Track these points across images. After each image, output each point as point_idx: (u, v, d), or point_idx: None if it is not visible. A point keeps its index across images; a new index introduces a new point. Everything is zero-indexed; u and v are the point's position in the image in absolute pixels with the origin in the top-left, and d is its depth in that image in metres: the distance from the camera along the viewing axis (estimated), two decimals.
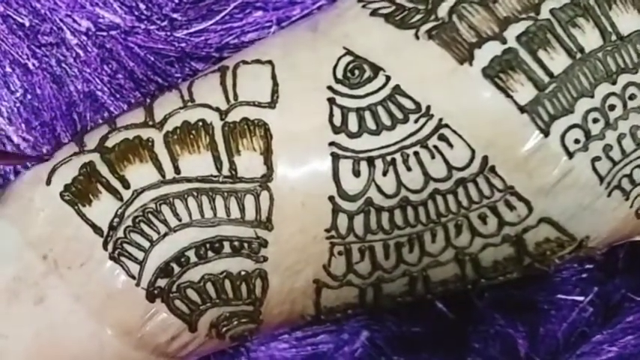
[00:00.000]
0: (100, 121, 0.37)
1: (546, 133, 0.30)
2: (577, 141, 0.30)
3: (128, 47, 0.37)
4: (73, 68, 0.37)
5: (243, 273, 0.31)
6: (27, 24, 0.37)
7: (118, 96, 0.37)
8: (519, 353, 0.37)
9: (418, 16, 0.31)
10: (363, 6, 0.32)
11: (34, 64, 0.37)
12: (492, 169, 0.30)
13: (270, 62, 0.32)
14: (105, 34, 0.37)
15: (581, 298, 0.37)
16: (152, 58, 0.37)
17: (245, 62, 0.32)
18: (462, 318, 0.37)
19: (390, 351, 0.37)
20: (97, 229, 0.31)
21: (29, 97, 0.37)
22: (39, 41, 0.37)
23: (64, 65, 0.37)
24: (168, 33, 0.37)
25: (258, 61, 0.32)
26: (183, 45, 0.37)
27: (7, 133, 0.37)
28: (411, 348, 0.37)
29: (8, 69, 0.37)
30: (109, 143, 0.32)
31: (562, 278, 0.37)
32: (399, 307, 0.32)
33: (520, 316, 0.37)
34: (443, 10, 0.31)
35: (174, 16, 0.37)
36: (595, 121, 0.30)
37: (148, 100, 0.33)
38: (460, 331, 0.37)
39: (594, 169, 0.30)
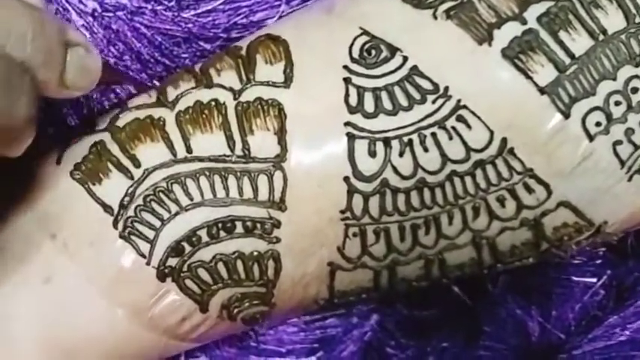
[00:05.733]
0: (107, 102, 0.36)
1: (567, 116, 0.29)
2: (598, 124, 0.30)
3: (135, 28, 0.36)
4: None
5: (255, 254, 0.30)
6: None
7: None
8: (531, 336, 0.36)
9: None
10: None
11: None
12: (511, 151, 0.30)
13: (284, 42, 0.31)
14: (111, 14, 0.36)
15: (593, 280, 0.37)
16: (159, 39, 0.36)
17: (259, 42, 0.31)
18: (474, 301, 0.36)
19: (399, 334, 0.37)
20: (107, 208, 0.30)
21: None
22: None
23: None
24: (176, 13, 0.37)
25: (272, 41, 0.31)
26: (190, 25, 0.37)
27: None
28: (421, 331, 0.37)
29: None
30: (120, 123, 0.32)
31: (574, 261, 0.37)
32: (413, 291, 0.32)
33: (532, 299, 0.36)
34: None
35: None
36: (617, 103, 0.30)
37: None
38: (472, 314, 0.37)
39: (615, 153, 0.30)
